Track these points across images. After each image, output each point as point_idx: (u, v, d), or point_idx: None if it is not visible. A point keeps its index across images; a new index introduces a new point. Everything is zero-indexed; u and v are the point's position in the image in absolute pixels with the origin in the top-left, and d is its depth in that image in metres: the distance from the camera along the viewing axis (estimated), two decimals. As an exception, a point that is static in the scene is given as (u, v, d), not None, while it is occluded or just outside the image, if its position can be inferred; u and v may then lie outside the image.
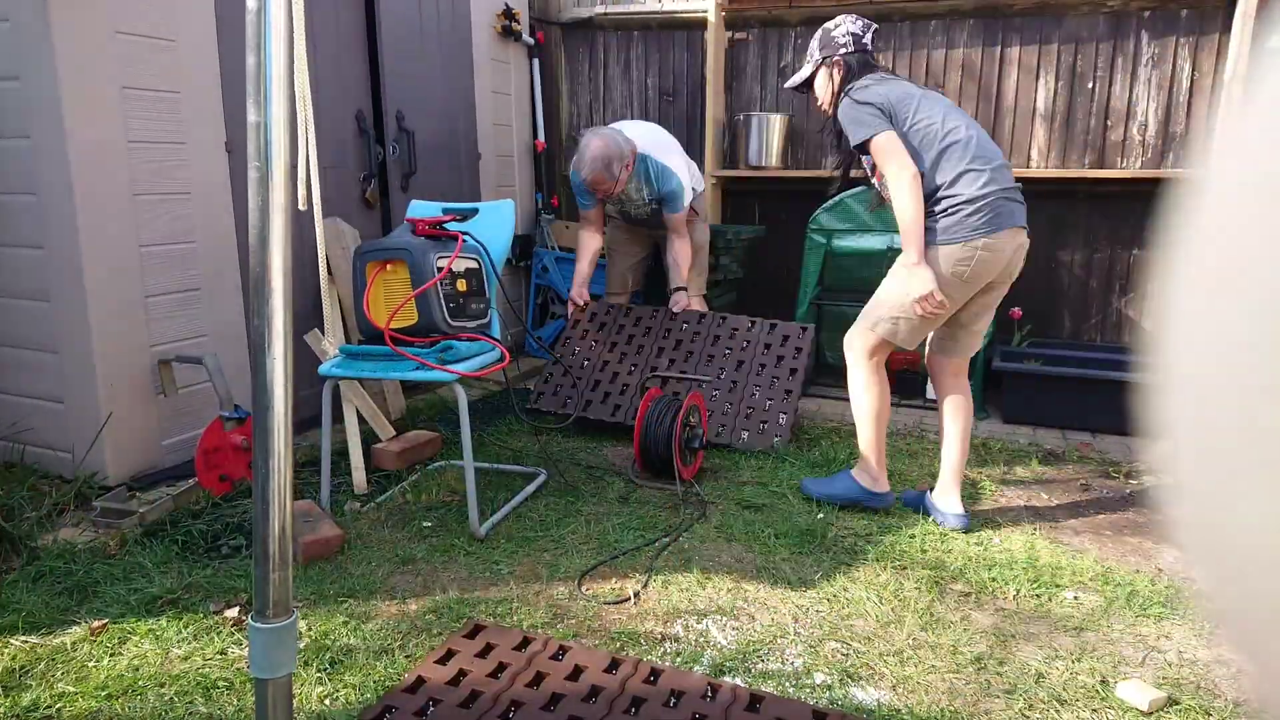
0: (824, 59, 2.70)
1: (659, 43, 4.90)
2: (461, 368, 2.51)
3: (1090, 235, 4.31)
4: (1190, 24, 4.02)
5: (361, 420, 3.15)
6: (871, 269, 4.10)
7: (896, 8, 4.36)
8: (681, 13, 4.72)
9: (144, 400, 2.85)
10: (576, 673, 1.83)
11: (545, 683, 1.79)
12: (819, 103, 2.78)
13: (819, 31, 2.74)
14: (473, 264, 2.73)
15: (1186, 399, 0.35)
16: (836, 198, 4.07)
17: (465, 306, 2.67)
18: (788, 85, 2.84)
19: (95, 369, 2.70)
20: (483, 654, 1.90)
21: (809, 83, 2.76)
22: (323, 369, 2.59)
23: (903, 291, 2.51)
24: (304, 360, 3.23)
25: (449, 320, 2.59)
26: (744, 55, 4.75)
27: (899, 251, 2.55)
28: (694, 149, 4.90)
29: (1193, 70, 4.05)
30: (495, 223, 2.96)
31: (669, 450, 2.90)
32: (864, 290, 4.14)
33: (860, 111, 2.51)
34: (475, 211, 2.89)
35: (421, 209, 3.09)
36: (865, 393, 2.67)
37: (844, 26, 2.69)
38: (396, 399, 3.72)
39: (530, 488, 2.91)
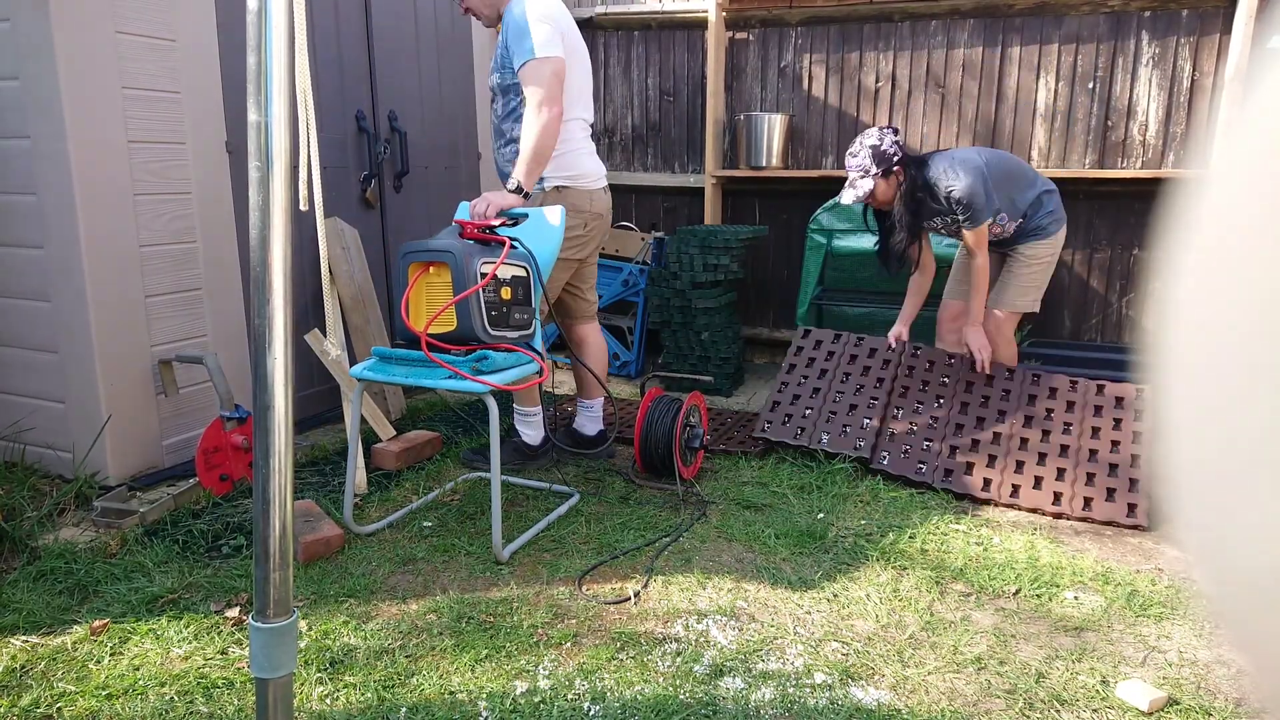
0: (883, 171, 3.05)
1: (659, 43, 4.90)
2: (496, 379, 2.36)
3: (1091, 235, 4.31)
4: (1191, 24, 4.02)
5: (361, 420, 3.15)
6: (871, 269, 4.10)
7: (897, 7, 4.36)
8: (682, 13, 4.72)
9: (144, 400, 2.85)
10: None
11: None
12: (879, 202, 3.14)
13: (861, 150, 3.05)
14: (520, 272, 2.56)
15: (1187, 399, 0.35)
16: (835, 199, 4.07)
17: (508, 316, 2.51)
18: (848, 201, 3.09)
19: (95, 369, 2.71)
20: None
21: (871, 192, 3.09)
22: (354, 371, 2.47)
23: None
24: (304, 360, 3.23)
25: (489, 329, 2.43)
26: (744, 55, 4.75)
27: None
28: (694, 149, 4.92)
29: (1193, 70, 4.05)
30: (543, 229, 2.77)
31: (669, 450, 2.90)
32: (864, 290, 4.18)
33: (979, 201, 3.02)
34: (525, 216, 2.72)
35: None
36: None
37: (887, 139, 3.04)
38: (396, 398, 3.73)
39: (562, 508, 2.75)
